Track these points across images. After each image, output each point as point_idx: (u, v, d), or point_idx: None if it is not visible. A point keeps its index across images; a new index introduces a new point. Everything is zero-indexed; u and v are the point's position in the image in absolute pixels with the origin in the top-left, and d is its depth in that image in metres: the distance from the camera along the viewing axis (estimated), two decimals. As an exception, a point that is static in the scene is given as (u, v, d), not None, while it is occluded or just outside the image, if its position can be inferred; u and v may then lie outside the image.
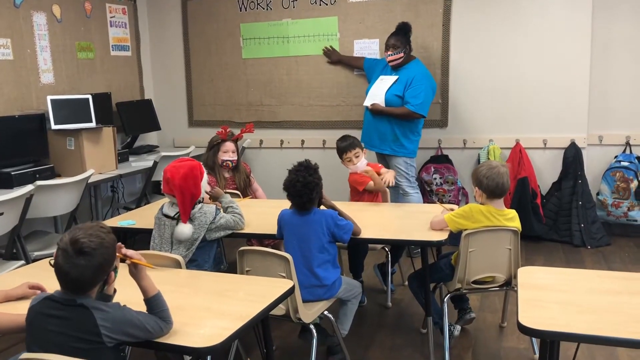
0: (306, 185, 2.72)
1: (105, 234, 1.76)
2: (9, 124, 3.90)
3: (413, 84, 4.31)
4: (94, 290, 1.78)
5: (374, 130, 4.47)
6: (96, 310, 1.71)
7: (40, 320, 1.74)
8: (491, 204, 2.86)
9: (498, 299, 3.65)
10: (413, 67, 4.41)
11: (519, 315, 1.94)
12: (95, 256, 1.70)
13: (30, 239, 3.69)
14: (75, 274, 1.69)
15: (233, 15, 5.42)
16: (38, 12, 4.44)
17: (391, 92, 4.35)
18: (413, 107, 4.27)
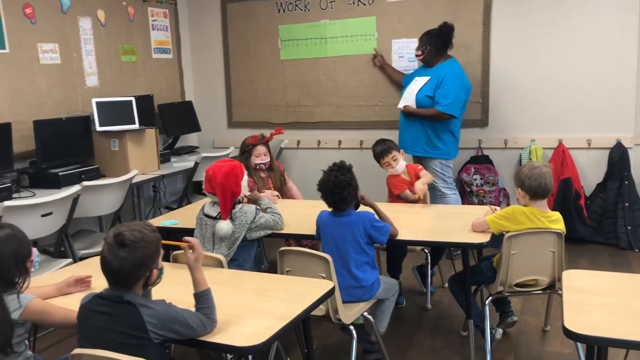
0: (337, 185, 2.72)
1: (148, 231, 1.82)
2: (56, 126, 4.02)
3: (443, 83, 4.26)
4: (138, 287, 1.82)
5: (408, 132, 4.44)
6: (143, 307, 1.76)
7: (90, 317, 1.80)
8: (534, 205, 2.81)
9: (540, 302, 3.58)
10: (445, 66, 4.35)
11: (564, 319, 1.90)
12: (136, 249, 1.76)
13: (77, 238, 3.80)
14: (115, 265, 1.76)
15: (271, 17, 5.47)
16: (84, 17, 4.57)
17: (422, 93, 4.32)
18: (442, 108, 4.22)
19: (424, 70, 4.48)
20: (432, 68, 4.40)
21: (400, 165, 3.65)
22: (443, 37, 4.37)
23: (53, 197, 3.21)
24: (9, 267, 1.94)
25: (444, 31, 4.36)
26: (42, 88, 4.22)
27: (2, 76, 3.93)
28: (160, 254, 1.88)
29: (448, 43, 4.38)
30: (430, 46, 4.38)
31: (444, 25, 4.37)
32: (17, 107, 4.04)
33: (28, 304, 1.93)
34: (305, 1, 5.33)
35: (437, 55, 4.39)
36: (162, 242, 1.88)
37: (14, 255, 1.96)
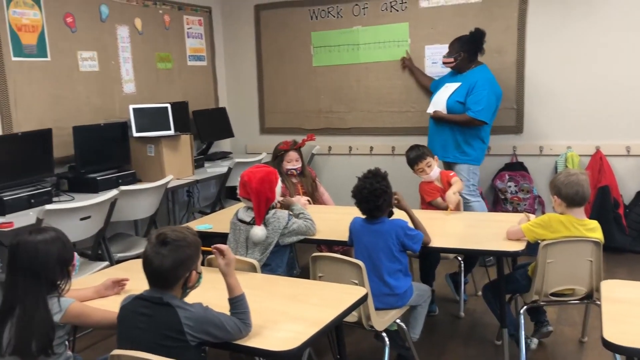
0: (372, 192, 2.72)
1: (189, 234, 1.88)
2: (95, 131, 4.12)
3: (475, 90, 4.23)
4: (177, 289, 1.85)
5: (437, 137, 4.42)
6: (180, 309, 1.79)
7: (130, 318, 1.84)
8: (571, 213, 2.76)
9: (577, 312, 3.51)
10: (476, 73, 4.34)
11: (603, 331, 1.87)
12: (176, 248, 1.81)
13: (113, 241, 3.88)
14: (156, 263, 1.81)
15: (304, 24, 5.51)
16: (122, 26, 4.68)
17: (453, 99, 4.30)
18: (473, 114, 4.20)
19: (454, 77, 4.46)
20: (463, 74, 4.40)
21: (434, 171, 3.63)
22: (475, 43, 4.34)
23: (91, 201, 3.29)
24: (54, 270, 1.99)
25: (476, 37, 4.33)
26: (81, 95, 4.33)
27: (43, 83, 4.05)
28: (200, 258, 1.92)
29: (480, 49, 4.35)
30: (463, 53, 4.35)
31: (477, 31, 4.34)
32: (58, 114, 4.15)
33: (68, 307, 1.98)
34: (338, 8, 5.35)
35: (469, 62, 4.38)
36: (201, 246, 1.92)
37: (59, 258, 2.00)
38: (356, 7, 5.29)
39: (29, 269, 1.94)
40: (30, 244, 1.97)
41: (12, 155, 3.56)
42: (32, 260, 1.95)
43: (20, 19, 3.88)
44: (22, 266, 1.95)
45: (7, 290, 1.97)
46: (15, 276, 1.95)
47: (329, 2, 5.38)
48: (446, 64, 4.46)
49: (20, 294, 1.92)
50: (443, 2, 4.97)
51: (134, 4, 4.80)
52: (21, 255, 1.96)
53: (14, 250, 1.98)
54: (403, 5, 5.11)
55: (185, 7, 5.36)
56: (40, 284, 1.95)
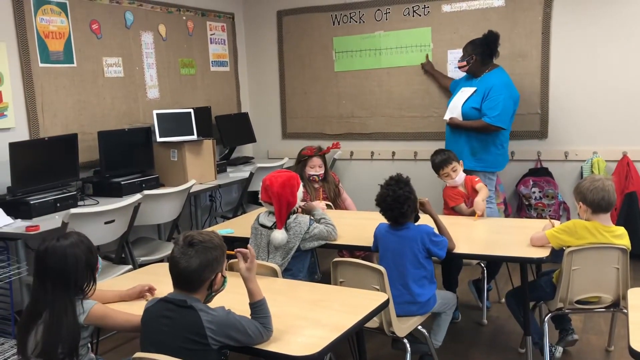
0: (396, 199, 2.70)
1: (215, 237, 1.92)
2: (119, 136, 4.19)
3: (490, 94, 4.15)
4: (202, 292, 1.86)
5: (453, 144, 4.33)
6: (203, 313, 1.80)
7: (154, 321, 1.86)
8: (597, 219, 2.72)
9: (603, 320, 3.44)
10: (492, 76, 4.25)
11: (630, 340, 1.83)
12: (203, 250, 1.84)
13: (137, 245, 3.92)
14: (183, 264, 1.83)
15: (326, 30, 5.52)
16: (146, 32, 4.75)
17: (468, 105, 4.22)
18: (490, 120, 4.11)
19: (469, 81, 4.39)
20: (478, 78, 4.31)
21: (459, 176, 3.59)
22: (489, 45, 4.25)
23: (115, 205, 3.33)
24: (82, 274, 2.02)
25: (490, 39, 4.25)
26: (106, 100, 4.40)
27: (70, 89, 4.13)
28: (225, 262, 1.94)
29: (494, 52, 4.27)
30: (475, 55, 4.26)
31: (490, 34, 4.27)
32: (83, 119, 4.22)
33: (91, 309, 2.01)
34: (360, 13, 5.36)
35: (482, 65, 4.28)
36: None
37: (86, 262, 2.03)
38: (378, 12, 5.28)
39: (58, 273, 1.97)
40: (59, 249, 2.00)
41: (39, 159, 3.62)
42: (60, 265, 1.98)
43: (48, 26, 3.96)
44: (51, 271, 1.98)
45: (36, 294, 2.00)
46: (44, 281, 1.98)
47: (351, 7, 5.38)
48: (460, 67, 4.40)
49: (49, 299, 1.95)
50: (466, 7, 4.94)
51: (158, 11, 4.86)
52: (50, 260, 1.99)
53: (42, 256, 2.00)
54: (425, 10, 5.09)
55: (208, 13, 5.41)
56: (68, 288, 1.97)
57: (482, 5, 4.87)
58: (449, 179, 3.61)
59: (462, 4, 4.95)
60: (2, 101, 3.69)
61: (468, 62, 4.30)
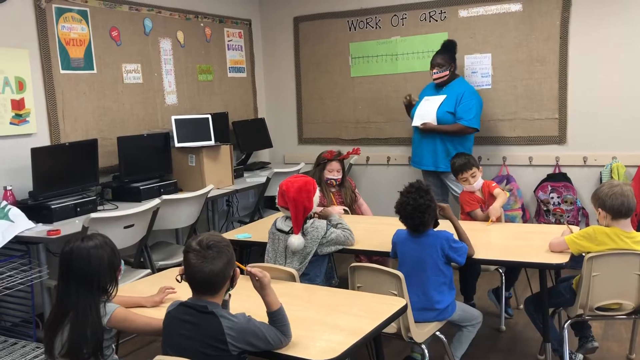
0: (417, 208, 2.69)
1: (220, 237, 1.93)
2: (138, 142, 4.23)
3: (464, 100, 4.43)
4: (221, 295, 1.88)
5: (425, 148, 4.55)
6: (224, 319, 1.81)
7: (174, 325, 1.87)
8: (617, 225, 2.69)
9: (624, 327, 3.40)
10: (459, 84, 4.53)
11: (653, 347, 1.80)
12: (222, 249, 1.86)
13: (155, 249, 3.95)
14: (209, 266, 1.83)
15: (342, 35, 5.54)
16: (164, 39, 4.80)
17: (442, 110, 4.45)
18: (467, 122, 4.40)
19: (436, 90, 4.61)
20: (445, 87, 4.55)
21: (477, 182, 3.58)
22: (454, 54, 4.57)
23: (134, 209, 3.37)
24: (105, 276, 2.05)
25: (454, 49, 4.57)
26: (125, 106, 4.45)
27: (90, 95, 4.18)
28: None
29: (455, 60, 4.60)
30: (452, 66, 4.53)
31: (452, 42, 4.60)
32: (103, 124, 4.28)
33: (113, 312, 2.03)
34: (377, 18, 5.36)
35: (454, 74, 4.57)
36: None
37: (109, 264, 2.06)
38: (395, 17, 5.29)
39: (83, 274, 2.00)
40: (83, 250, 2.03)
41: (60, 165, 3.68)
42: (85, 266, 2.01)
43: (69, 33, 4.02)
44: (76, 272, 2.01)
45: (61, 295, 2.03)
46: (69, 282, 2.01)
47: (368, 12, 5.40)
48: (440, 78, 4.54)
49: (74, 299, 1.98)
50: (483, 12, 4.93)
51: (177, 18, 4.92)
52: (75, 261, 2.01)
53: (67, 257, 2.03)
54: (442, 15, 5.09)
55: (226, 20, 5.46)
56: (92, 289, 2.00)
57: (500, 10, 4.86)
58: (466, 184, 3.60)
59: (479, 8, 4.94)
60: (25, 107, 3.76)
61: (450, 71, 4.53)
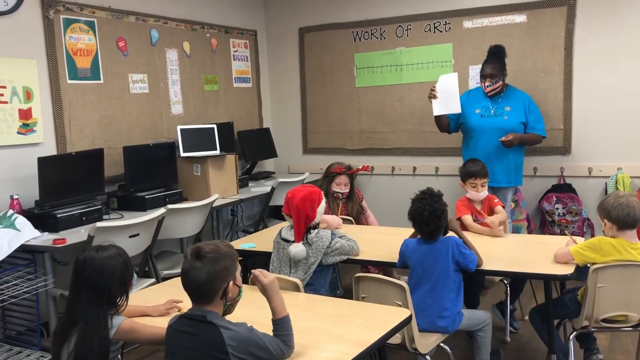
0: (433, 213, 2.70)
1: (223, 246, 1.89)
2: (144, 151, 4.25)
3: (532, 108, 4.25)
4: (217, 305, 1.86)
5: (499, 162, 4.19)
6: (225, 329, 1.80)
7: (176, 337, 1.87)
8: (622, 236, 2.68)
9: (631, 340, 3.38)
10: (516, 92, 4.32)
11: (659, 359, 1.80)
12: (210, 260, 1.82)
13: (160, 259, 3.97)
14: (192, 276, 1.83)
15: (347, 46, 5.57)
16: (171, 49, 4.84)
17: (516, 121, 4.21)
18: (541, 132, 4.26)
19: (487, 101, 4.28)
20: (502, 95, 4.27)
21: (484, 192, 3.55)
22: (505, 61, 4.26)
23: (140, 219, 3.38)
24: (117, 287, 2.03)
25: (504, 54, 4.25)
26: (131, 116, 4.48)
27: (96, 105, 4.21)
28: (237, 270, 1.91)
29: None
30: (504, 74, 4.24)
31: (501, 48, 4.26)
32: (109, 134, 4.30)
33: (120, 324, 2.03)
34: (382, 29, 5.39)
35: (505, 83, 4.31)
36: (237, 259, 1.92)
37: (121, 277, 2.04)
38: (399, 28, 5.32)
39: (94, 285, 1.99)
40: (97, 261, 2.02)
41: (66, 174, 3.70)
42: (97, 277, 1.99)
43: (76, 43, 4.06)
44: (88, 282, 2.00)
45: (72, 304, 2.02)
46: (80, 291, 2.00)
47: (373, 23, 5.43)
48: (494, 90, 4.22)
49: (84, 310, 1.97)
50: (487, 23, 4.95)
51: (183, 28, 4.95)
52: (87, 271, 2.01)
53: (80, 266, 2.02)
54: (447, 26, 5.11)
55: (231, 31, 5.50)
56: (102, 301, 1.99)
57: (504, 21, 4.87)
58: (474, 191, 3.56)
59: (484, 19, 4.96)
60: (32, 117, 3.79)
61: (504, 81, 4.25)
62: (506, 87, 4.31)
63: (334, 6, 5.59)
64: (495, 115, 4.25)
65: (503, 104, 4.26)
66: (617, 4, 4.50)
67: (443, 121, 4.42)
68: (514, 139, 4.09)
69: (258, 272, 1.98)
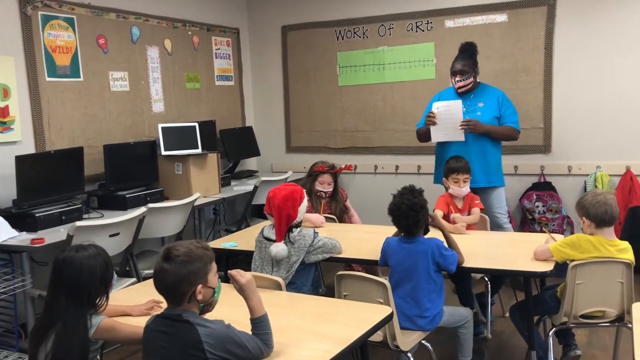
0: (411, 207, 2.71)
1: (195, 248, 1.84)
2: (125, 150, 4.21)
3: (505, 102, 4.02)
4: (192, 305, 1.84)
5: (478, 161, 3.93)
6: (200, 327, 1.78)
7: (152, 337, 1.85)
8: (601, 233, 2.72)
9: (608, 335, 3.43)
10: (488, 88, 4.12)
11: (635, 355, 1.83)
12: (178, 263, 1.79)
13: (141, 258, 3.93)
14: (160, 278, 1.82)
15: (330, 44, 5.57)
16: (152, 47, 4.80)
17: (490, 115, 3.97)
18: (516, 125, 4.00)
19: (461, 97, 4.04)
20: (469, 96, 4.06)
21: (465, 189, 3.59)
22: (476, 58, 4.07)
23: (120, 218, 3.35)
24: (96, 289, 2.00)
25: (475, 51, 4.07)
26: (112, 114, 4.43)
27: (76, 103, 4.16)
28: (210, 272, 1.87)
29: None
30: (475, 71, 4.05)
31: (472, 45, 4.10)
32: (89, 132, 4.25)
33: (100, 323, 2.00)
34: (364, 28, 5.40)
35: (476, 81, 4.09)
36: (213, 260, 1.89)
37: (101, 277, 2.01)
38: (382, 27, 5.33)
39: (73, 285, 1.95)
40: (76, 260, 1.98)
41: (45, 173, 3.65)
42: (76, 277, 1.96)
43: (55, 40, 4.01)
44: (67, 282, 1.96)
45: (50, 304, 1.99)
46: (59, 291, 1.97)
47: (355, 22, 5.43)
48: (464, 87, 4.02)
49: (63, 310, 1.94)
50: (469, 22, 4.98)
51: (164, 26, 4.91)
52: (66, 271, 1.97)
53: (59, 266, 1.99)
54: (429, 25, 5.14)
55: (213, 29, 5.47)
56: (82, 301, 1.96)
57: (485, 20, 4.91)
58: (456, 186, 3.58)
59: (465, 19, 4.99)
60: (9, 115, 3.73)
61: (475, 78, 4.06)
62: (478, 85, 4.11)
63: (317, 5, 5.58)
64: (467, 113, 4.00)
65: (475, 100, 4.06)
66: (597, 4, 4.56)
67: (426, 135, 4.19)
68: (476, 124, 3.89)
69: (235, 272, 1.96)
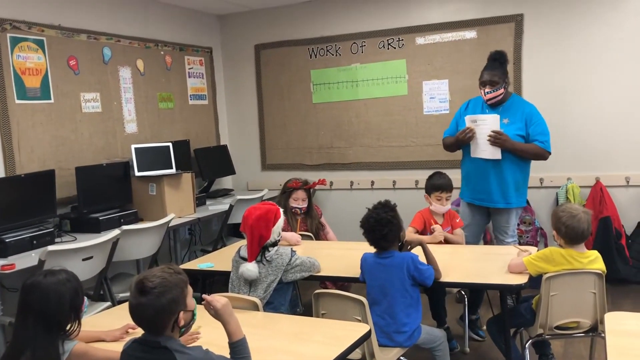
0: (379, 222, 2.73)
1: (169, 275, 1.78)
2: (97, 171, 4.16)
3: (534, 120, 3.72)
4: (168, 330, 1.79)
5: (496, 181, 3.75)
6: (179, 354, 1.75)
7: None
8: (572, 248, 2.77)
9: (583, 345, 3.47)
10: (519, 102, 3.86)
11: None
12: (155, 295, 1.72)
13: (115, 281, 3.86)
14: (139, 312, 1.75)
15: (304, 62, 5.60)
16: (124, 67, 4.77)
17: (510, 133, 3.68)
18: (544, 145, 3.70)
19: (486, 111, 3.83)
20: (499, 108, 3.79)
21: (447, 206, 3.61)
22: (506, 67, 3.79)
23: (93, 241, 3.29)
24: (66, 315, 1.96)
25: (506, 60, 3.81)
26: (84, 135, 4.38)
27: (47, 125, 4.10)
28: (187, 296, 1.83)
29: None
30: (506, 82, 3.76)
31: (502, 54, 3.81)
32: (61, 154, 4.19)
33: (72, 349, 1.96)
34: (337, 46, 5.45)
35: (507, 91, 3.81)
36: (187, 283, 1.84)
37: (71, 302, 1.97)
38: (354, 45, 5.39)
39: (42, 312, 1.91)
40: (43, 286, 1.94)
41: (15, 196, 3.58)
42: (43, 303, 1.92)
43: (25, 62, 3.96)
44: (35, 309, 1.92)
45: (18, 332, 1.94)
46: (27, 318, 1.92)
47: (328, 40, 5.48)
48: (494, 98, 3.74)
49: (31, 337, 1.89)
50: (439, 39, 5.07)
51: (136, 46, 4.89)
52: (33, 296, 1.93)
53: (26, 292, 1.95)
54: (400, 42, 5.21)
55: (186, 48, 5.46)
56: (50, 327, 1.91)
57: (455, 37, 5.00)
58: (439, 204, 3.60)
59: (435, 36, 5.07)
60: (-22, 138, 3.66)
61: (505, 89, 3.76)
62: (509, 96, 3.85)
63: (290, 23, 5.62)
64: None
65: (502, 115, 3.75)
66: (562, 20, 4.69)
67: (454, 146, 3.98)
68: (506, 140, 3.64)
69: (210, 298, 1.93)
